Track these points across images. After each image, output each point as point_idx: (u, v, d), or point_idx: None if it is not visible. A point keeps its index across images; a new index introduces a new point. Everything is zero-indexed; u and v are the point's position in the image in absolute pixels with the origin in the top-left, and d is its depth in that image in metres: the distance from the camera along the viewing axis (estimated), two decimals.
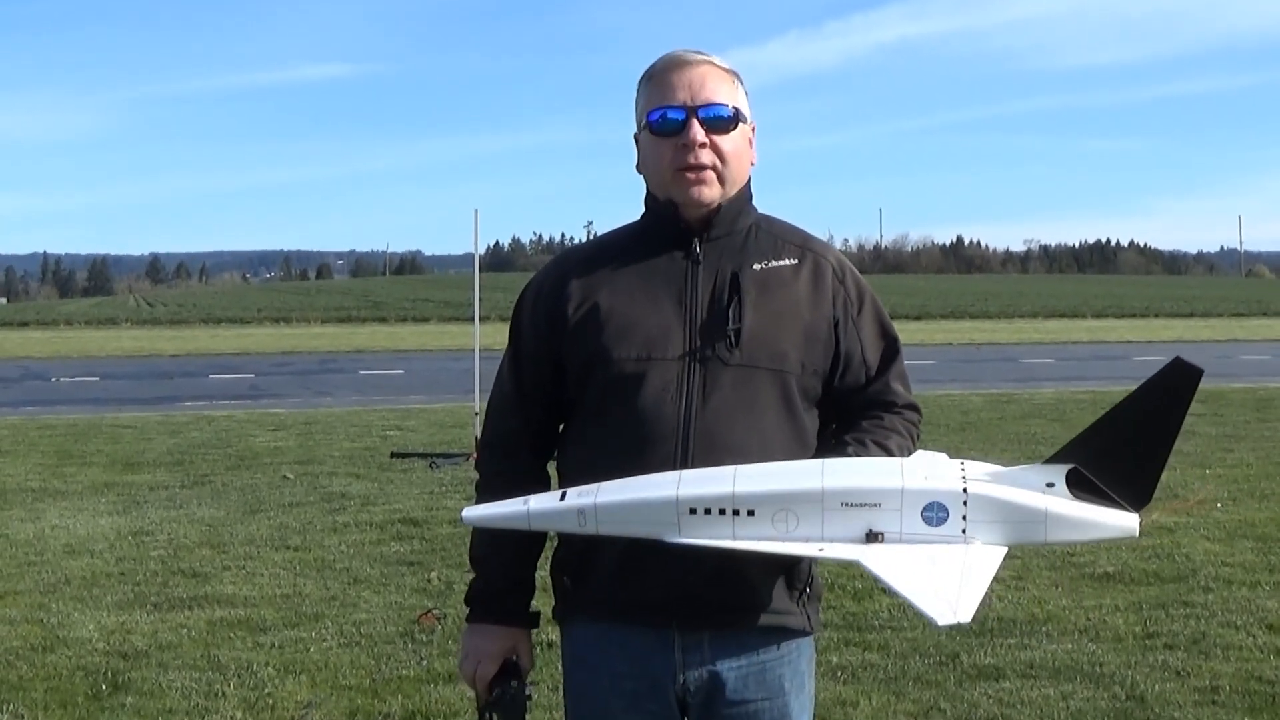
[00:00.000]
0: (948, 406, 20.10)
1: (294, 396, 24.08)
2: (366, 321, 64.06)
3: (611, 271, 2.87)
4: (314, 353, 39.16)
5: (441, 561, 9.12)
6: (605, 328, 2.81)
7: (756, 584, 2.82)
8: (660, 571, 2.75)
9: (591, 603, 2.89)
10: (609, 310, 2.82)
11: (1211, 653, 6.89)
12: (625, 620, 2.85)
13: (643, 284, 2.84)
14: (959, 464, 2.60)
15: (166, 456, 15.18)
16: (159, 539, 10.20)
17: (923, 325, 55.01)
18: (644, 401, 2.76)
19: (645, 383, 2.77)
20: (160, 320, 67.10)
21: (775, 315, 2.83)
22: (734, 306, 2.80)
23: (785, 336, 2.83)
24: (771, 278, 2.86)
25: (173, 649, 7.18)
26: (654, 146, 2.87)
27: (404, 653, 7.05)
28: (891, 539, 2.50)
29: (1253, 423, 17.53)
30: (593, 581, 2.86)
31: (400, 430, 17.72)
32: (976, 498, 2.51)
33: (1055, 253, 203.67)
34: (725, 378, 2.78)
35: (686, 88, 2.83)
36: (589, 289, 2.86)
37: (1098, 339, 44.77)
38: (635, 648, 2.84)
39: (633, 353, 2.79)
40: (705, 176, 2.83)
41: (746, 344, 2.79)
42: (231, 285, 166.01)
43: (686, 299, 2.82)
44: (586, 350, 2.82)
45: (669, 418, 2.75)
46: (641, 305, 2.82)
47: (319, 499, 12.06)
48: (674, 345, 2.79)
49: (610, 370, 2.79)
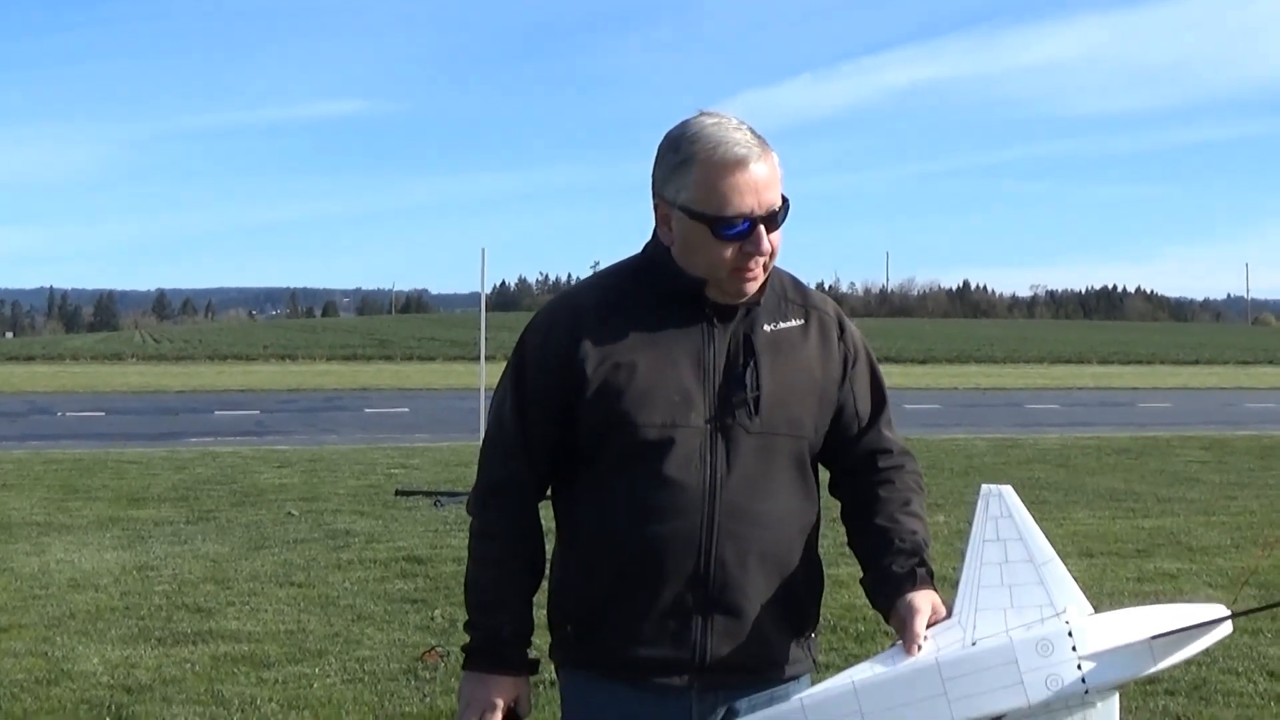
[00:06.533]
0: (952, 451, 20.11)
1: (299, 434, 24.14)
2: (372, 359, 64.11)
3: (627, 328, 2.81)
4: (319, 390, 39.24)
5: (445, 599, 9.14)
6: (626, 391, 2.77)
7: (773, 640, 2.87)
8: (681, 633, 2.80)
9: (599, 659, 2.87)
10: (630, 373, 2.78)
11: (1212, 699, 6.89)
12: (635, 677, 2.84)
13: (660, 345, 2.80)
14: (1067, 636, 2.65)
15: (171, 492, 15.19)
16: (163, 574, 10.22)
17: (928, 369, 55.07)
18: (669, 470, 2.77)
19: (671, 450, 2.77)
20: (166, 356, 67.19)
21: (790, 381, 2.85)
22: (750, 372, 2.80)
23: (800, 402, 2.86)
24: (782, 341, 2.86)
25: (177, 683, 7.19)
26: (709, 244, 2.76)
27: (407, 690, 7.07)
28: (1015, 715, 2.58)
29: (1257, 470, 17.52)
30: (603, 636, 2.85)
31: (405, 468, 17.74)
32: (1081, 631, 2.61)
33: (1061, 298, 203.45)
34: (747, 446, 2.80)
35: (754, 193, 2.73)
36: (606, 347, 2.80)
37: (1103, 385, 44.78)
38: (645, 699, 2.83)
39: (656, 419, 2.77)
40: (758, 274, 2.81)
41: (765, 411, 2.81)
42: (237, 322, 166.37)
43: (705, 362, 2.81)
44: (607, 413, 2.78)
45: (695, 487, 2.77)
46: (662, 368, 2.79)
47: (323, 536, 12.07)
48: (696, 412, 2.78)
49: (635, 435, 2.77)
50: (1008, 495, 2.79)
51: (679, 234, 2.81)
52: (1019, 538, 2.73)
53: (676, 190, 2.79)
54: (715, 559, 2.79)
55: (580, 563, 2.88)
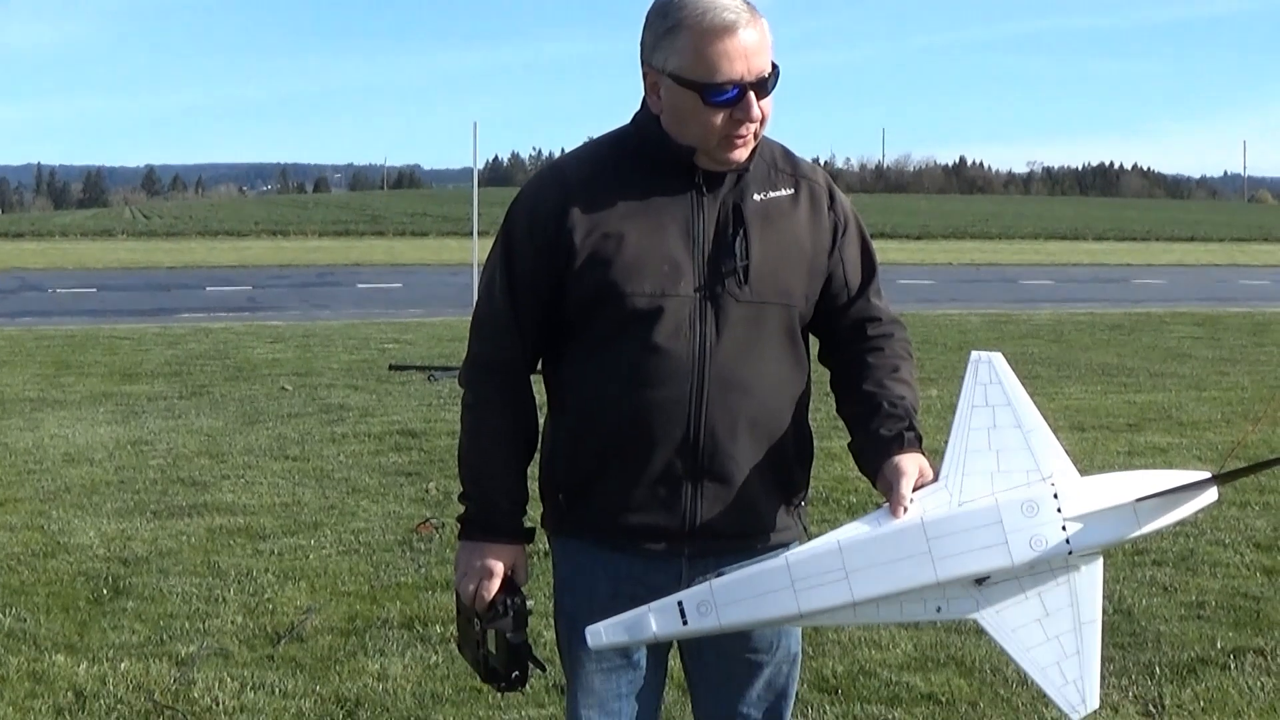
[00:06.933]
0: (946, 326, 20.13)
1: (292, 309, 24.15)
2: (365, 235, 63.92)
3: (615, 198, 2.79)
4: (312, 266, 39.13)
5: (440, 472, 9.17)
6: (615, 261, 2.76)
7: (762, 506, 2.90)
8: (670, 500, 2.83)
9: (590, 526, 2.91)
10: (619, 242, 2.77)
11: (1199, 569, 6.97)
12: (627, 544, 2.87)
13: (649, 214, 2.79)
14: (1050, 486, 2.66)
15: (164, 367, 15.20)
16: (158, 448, 10.25)
17: (923, 245, 54.95)
18: (658, 338, 2.77)
19: (660, 319, 2.76)
20: (157, 232, 66.92)
21: (780, 250, 2.83)
22: (740, 241, 2.79)
23: (790, 271, 2.85)
24: (772, 210, 2.84)
25: (173, 555, 7.24)
26: (698, 111, 2.73)
27: (402, 560, 7.13)
28: (1000, 575, 2.58)
29: (1249, 346, 17.56)
30: (594, 505, 2.87)
31: (399, 343, 17.74)
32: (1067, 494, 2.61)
33: (1058, 174, 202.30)
34: (736, 314, 2.80)
35: (743, 59, 2.69)
36: (595, 218, 2.78)
37: (1098, 261, 44.74)
38: (636, 560, 2.87)
39: (645, 288, 2.76)
40: (749, 140, 2.78)
41: (755, 280, 2.80)
42: (228, 198, 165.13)
43: (693, 231, 2.79)
44: (596, 283, 2.77)
45: (684, 355, 2.77)
46: (650, 238, 2.77)
47: (317, 410, 12.11)
48: (685, 281, 2.77)
49: (623, 305, 2.76)
50: (997, 362, 2.78)
51: (668, 102, 2.77)
52: (1007, 404, 2.73)
53: (665, 57, 2.75)
54: (705, 426, 2.80)
55: (570, 432, 2.89)
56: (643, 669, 3.00)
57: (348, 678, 5.44)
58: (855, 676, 5.43)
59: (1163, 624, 6.09)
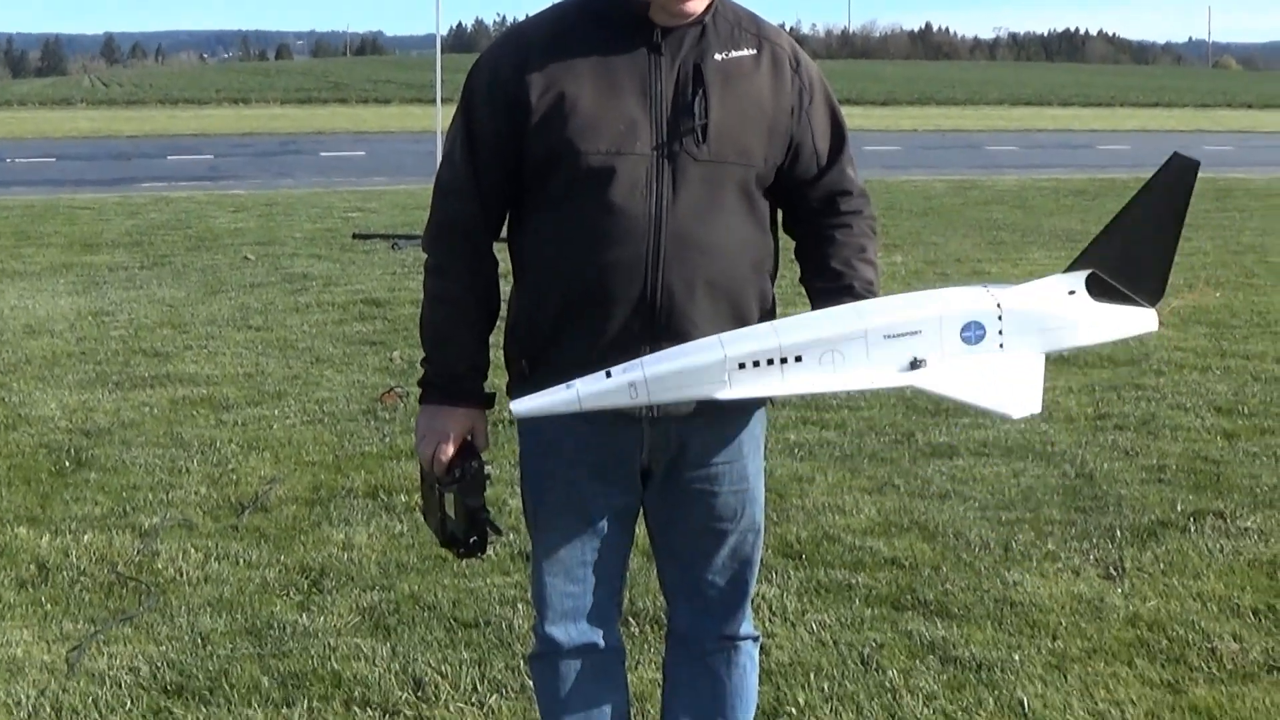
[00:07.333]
0: (911, 192, 20.06)
1: (254, 178, 23.77)
2: (327, 103, 62.93)
3: (573, 59, 2.76)
4: (274, 134, 38.52)
5: (404, 341, 9.14)
6: (571, 120, 2.73)
7: None
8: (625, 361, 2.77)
9: None
10: (574, 101, 2.74)
11: (1160, 433, 7.03)
12: (590, 414, 2.83)
13: (606, 74, 2.76)
14: (984, 288, 2.68)
15: (125, 237, 15.04)
16: (119, 319, 10.17)
17: (889, 111, 54.51)
18: (614, 196, 2.74)
19: (615, 177, 2.74)
20: (116, 101, 65.74)
21: (740, 110, 2.79)
22: (699, 100, 2.75)
23: (750, 131, 2.81)
24: (733, 69, 2.80)
25: (135, 426, 7.21)
26: None
27: (366, 430, 7.12)
28: (934, 363, 2.59)
29: (1212, 212, 17.58)
30: (551, 366, 2.83)
31: (362, 212, 17.62)
32: (1011, 313, 2.62)
33: (1024, 41, 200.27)
34: (694, 174, 2.76)
35: None
36: (551, 77, 2.75)
37: (1063, 127, 44.42)
38: (600, 425, 2.84)
39: (601, 146, 2.73)
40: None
41: (713, 140, 2.76)
42: (188, 66, 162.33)
43: (651, 91, 2.76)
44: (552, 142, 2.75)
45: (640, 215, 2.75)
46: (607, 97, 2.74)
47: (280, 280, 12.03)
48: (642, 140, 2.74)
49: (578, 164, 2.74)
50: None
51: None
52: None
53: None
54: (662, 286, 2.77)
55: (529, 295, 2.88)
56: (607, 536, 3.00)
57: (312, 547, 5.45)
58: (819, 542, 5.46)
59: (1124, 488, 6.14)
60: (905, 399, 7.54)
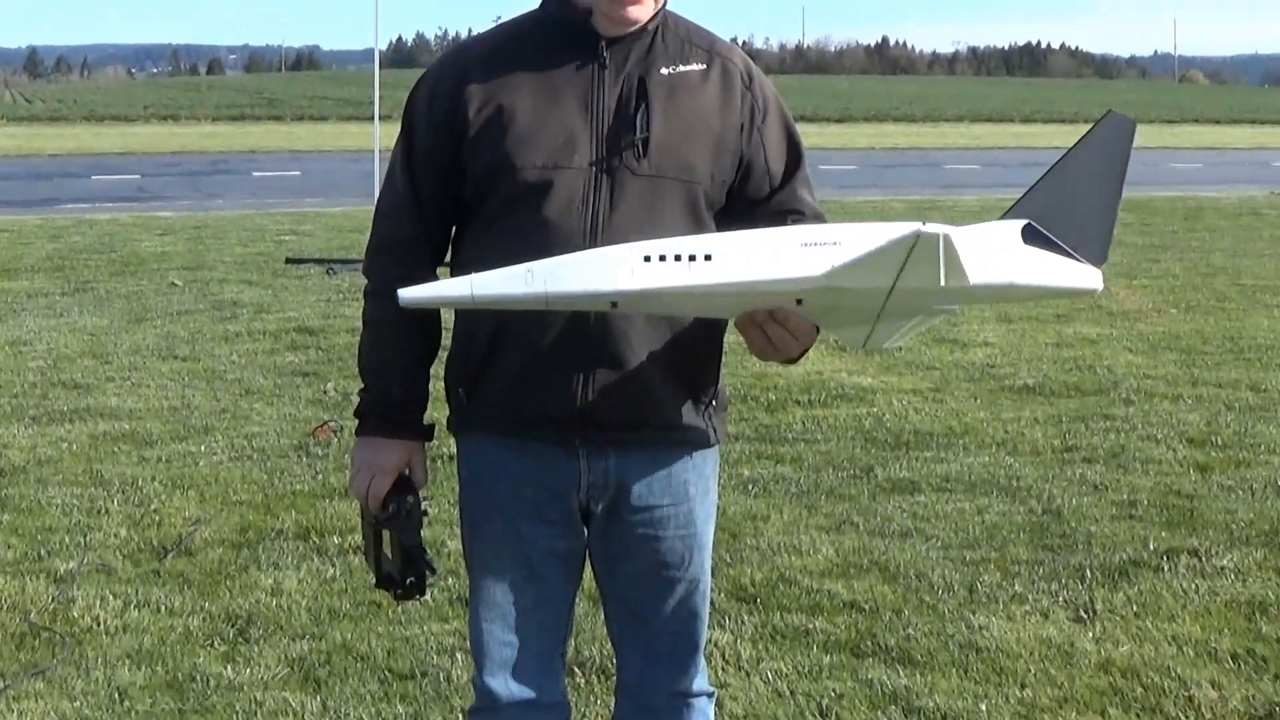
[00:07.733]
0: (868, 213, 20.05)
1: (183, 199, 23.64)
2: (261, 120, 63.13)
3: (514, 73, 2.77)
4: (204, 153, 38.52)
5: (338, 372, 8.98)
6: (508, 133, 2.73)
7: (661, 398, 2.83)
8: (562, 385, 2.76)
9: (488, 417, 2.87)
10: (512, 115, 2.74)
11: (1130, 466, 6.92)
12: (524, 434, 2.84)
13: (547, 88, 2.75)
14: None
15: (45, 262, 14.84)
16: (37, 349, 9.96)
17: (845, 129, 54.93)
18: (549, 212, 2.72)
19: (551, 192, 2.72)
20: (39, 117, 65.42)
21: (684, 124, 2.77)
22: (641, 114, 2.74)
23: (694, 146, 2.78)
24: (679, 84, 2.79)
25: (53, 464, 7.01)
26: None
27: (298, 467, 6.96)
28: None
29: (1180, 233, 17.70)
30: (490, 394, 2.83)
31: (296, 234, 17.52)
32: (953, 236, 2.42)
33: (984, 55, 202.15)
34: (632, 188, 2.74)
35: None
36: (490, 91, 2.76)
37: (1025, 145, 44.52)
38: (535, 459, 2.83)
39: (538, 160, 2.72)
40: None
41: (654, 154, 2.74)
42: (116, 81, 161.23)
43: (593, 104, 2.75)
44: (489, 157, 2.75)
45: (575, 231, 2.70)
46: (546, 111, 2.74)
47: (209, 307, 11.89)
48: (580, 153, 2.73)
49: (514, 178, 2.73)
50: None
51: None
52: None
53: None
54: None
55: (467, 317, 2.83)
56: (549, 581, 2.93)
57: (239, 593, 5.32)
58: (775, 584, 5.33)
59: (1093, 524, 6.03)
60: (864, 431, 7.42)
